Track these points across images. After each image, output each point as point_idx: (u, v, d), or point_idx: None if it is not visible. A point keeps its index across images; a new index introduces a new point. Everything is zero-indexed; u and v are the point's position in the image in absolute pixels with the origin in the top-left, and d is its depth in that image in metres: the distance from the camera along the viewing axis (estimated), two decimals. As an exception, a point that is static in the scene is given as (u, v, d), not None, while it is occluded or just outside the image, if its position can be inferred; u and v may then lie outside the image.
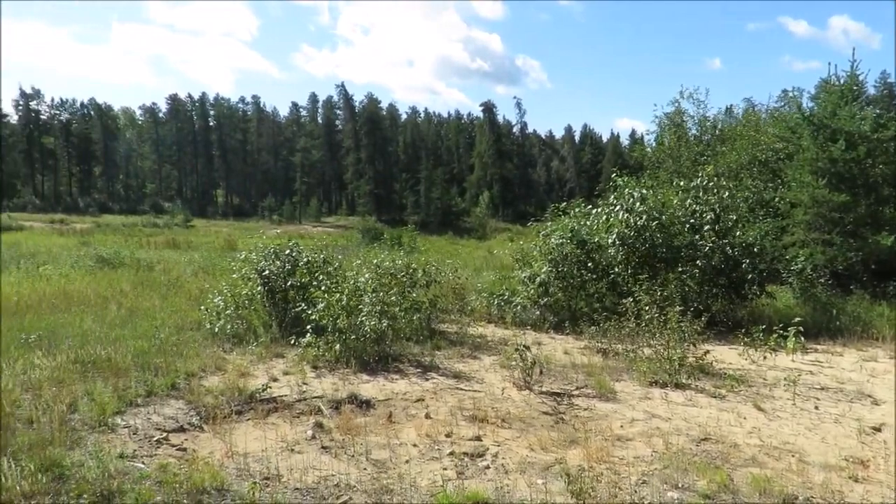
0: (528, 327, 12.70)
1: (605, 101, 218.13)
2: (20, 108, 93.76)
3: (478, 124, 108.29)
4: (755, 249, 13.39)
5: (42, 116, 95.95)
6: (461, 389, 8.26)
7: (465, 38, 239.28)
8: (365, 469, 5.62)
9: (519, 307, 13.04)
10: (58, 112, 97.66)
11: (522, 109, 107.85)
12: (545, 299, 12.91)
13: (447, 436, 6.48)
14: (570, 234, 13.32)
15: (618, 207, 13.42)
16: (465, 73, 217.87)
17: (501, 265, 20.85)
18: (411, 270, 12.12)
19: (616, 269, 13.10)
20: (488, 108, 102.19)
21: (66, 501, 4.66)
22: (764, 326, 10.59)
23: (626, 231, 12.99)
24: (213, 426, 6.57)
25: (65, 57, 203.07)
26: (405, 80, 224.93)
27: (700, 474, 5.52)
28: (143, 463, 5.52)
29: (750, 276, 13.02)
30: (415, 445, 6.23)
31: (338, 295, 9.68)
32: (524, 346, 8.72)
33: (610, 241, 13.11)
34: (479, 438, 6.43)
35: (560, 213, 15.10)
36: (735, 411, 7.53)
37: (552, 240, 13.49)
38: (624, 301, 10.46)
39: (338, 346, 9.18)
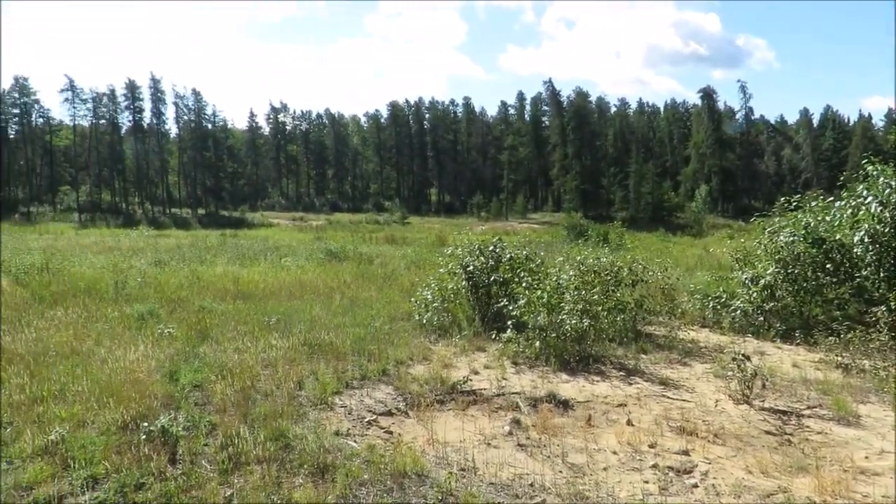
0: (749, 334, 11.42)
1: (850, 78, 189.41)
2: (270, 120, 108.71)
3: (694, 112, 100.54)
4: None
5: (287, 127, 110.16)
6: (668, 397, 7.68)
7: (676, 21, 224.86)
8: (560, 472, 5.47)
9: (738, 312, 11.78)
10: (299, 122, 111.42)
11: (747, 94, 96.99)
12: (771, 304, 11.50)
13: (650, 446, 6.05)
14: (803, 231, 11.71)
15: (869, 199, 11.44)
16: (677, 59, 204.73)
17: (718, 265, 19.13)
18: (616, 268, 11.59)
19: (864, 273, 11.21)
20: (707, 95, 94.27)
21: (289, 470, 5.21)
22: None
23: (879, 228, 11.03)
24: (418, 413, 6.89)
25: (304, 71, 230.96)
26: (612, 73, 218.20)
27: (979, 529, 4.45)
28: (354, 441, 5.97)
29: None
30: (614, 453, 5.92)
31: (539, 292, 9.61)
32: (743, 354, 7.84)
33: (857, 239, 11.25)
34: (686, 453, 5.90)
35: (791, 207, 13.34)
36: None
37: (781, 237, 11.98)
38: (874, 310, 8.89)
39: (538, 344, 9.11)
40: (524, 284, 10.13)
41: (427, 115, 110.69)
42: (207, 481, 4.96)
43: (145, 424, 5.60)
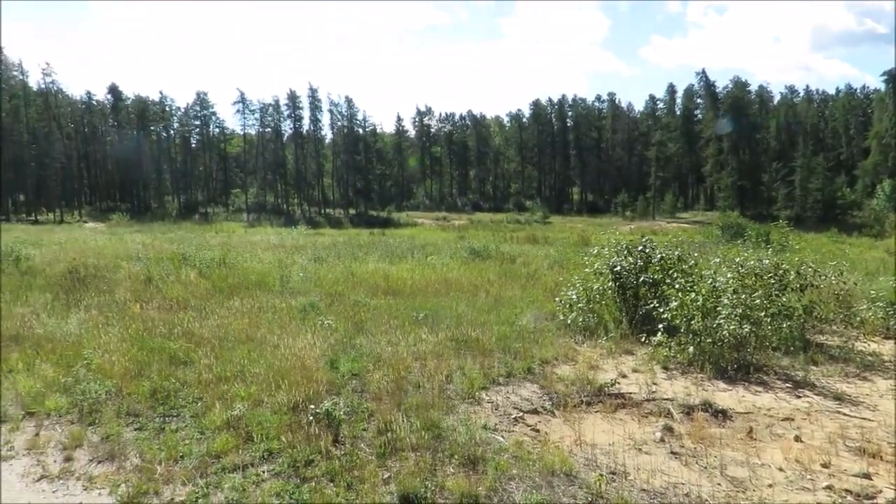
0: (946, 349, 10.02)
1: None
2: (416, 123, 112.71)
3: (876, 98, 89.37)
4: None
5: (432, 129, 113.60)
6: (843, 414, 6.97)
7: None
8: (719, 484, 5.18)
9: (932, 322, 10.37)
10: (443, 125, 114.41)
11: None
12: (974, 315, 10.00)
13: (823, 466, 5.54)
14: None
15: None
16: (849, 39, 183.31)
17: (906, 269, 16.92)
18: (781, 271, 10.68)
19: None
20: (893, 77, 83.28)
21: (441, 458, 5.42)
22: None
23: None
24: (564, 413, 6.86)
25: (449, 74, 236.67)
26: (771, 59, 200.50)
27: None
28: (501, 437, 6.08)
29: None
30: (780, 469, 5.50)
31: (693, 294, 9.13)
32: (939, 371, 6.91)
33: None
34: (867, 476, 5.34)
35: None
36: None
37: None
38: None
39: (691, 349, 8.66)
40: (677, 286, 9.65)
41: (570, 113, 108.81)
42: (367, 463, 5.31)
43: (312, 407, 6.10)
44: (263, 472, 5.20)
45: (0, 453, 5.68)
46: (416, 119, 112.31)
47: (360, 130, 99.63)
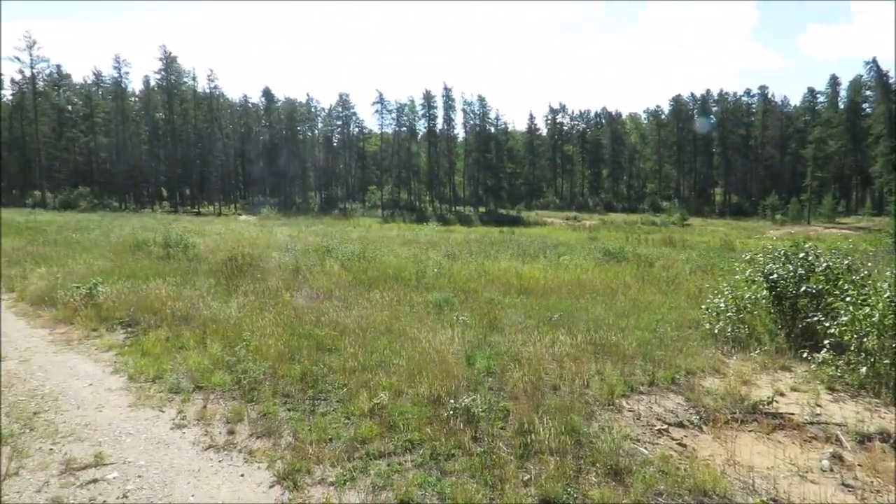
0: None
1: None
2: (548, 122, 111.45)
3: None
4: None
5: (564, 128, 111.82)
6: None
7: None
8: (904, 526, 4.58)
9: None
10: (576, 122, 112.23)
11: None
12: None
13: None
14: None
15: None
16: None
17: None
18: (977, 288, 9.26)
19: None
20: None
21: (583, 466, 5.26)
22: None
23: None
24: (713, 429, 6.41)
25: (582, 73, 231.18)
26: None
27: None
28: (645, 448, 5.79)
29: None
30: (983, 517, 4.75)
31: (868, 309, 8.16)
32: None
33: None
34: None
35: None
36: None
37: None
38: None
39: (863, 370, 7.75)
40: (847, 299, 8.68)
41: (714, 108, 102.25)
42: (506, 463, 5.27)
43: (451, 401, 6.17)
44: (406, 461, 5.33)
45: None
46: (549, 117, 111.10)
47: (492, 129, 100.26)
